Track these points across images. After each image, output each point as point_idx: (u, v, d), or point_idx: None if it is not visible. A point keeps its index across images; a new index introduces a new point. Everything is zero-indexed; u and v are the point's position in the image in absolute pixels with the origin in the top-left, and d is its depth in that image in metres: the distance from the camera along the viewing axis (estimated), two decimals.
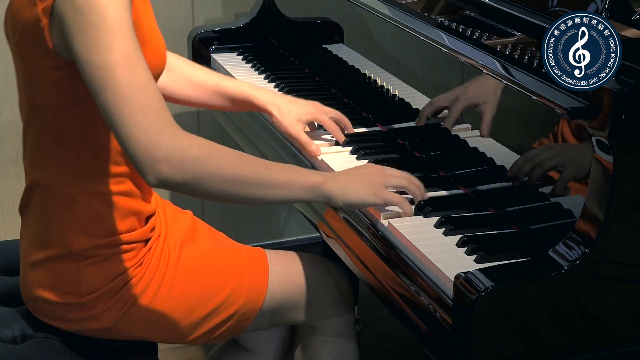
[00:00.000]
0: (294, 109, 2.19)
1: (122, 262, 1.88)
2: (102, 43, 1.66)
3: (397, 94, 2.31)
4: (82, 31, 1.66)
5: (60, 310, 1.90)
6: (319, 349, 2.10)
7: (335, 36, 2.61)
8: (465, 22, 2.03)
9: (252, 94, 2.20)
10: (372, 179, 1.84)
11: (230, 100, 2.22)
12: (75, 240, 1.86)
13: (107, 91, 1.65)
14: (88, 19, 1.66)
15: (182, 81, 2.21)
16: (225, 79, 2.23)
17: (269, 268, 2.02)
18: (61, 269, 1.87)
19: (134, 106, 1.65)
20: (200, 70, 2.23)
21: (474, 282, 1.57)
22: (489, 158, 1.98)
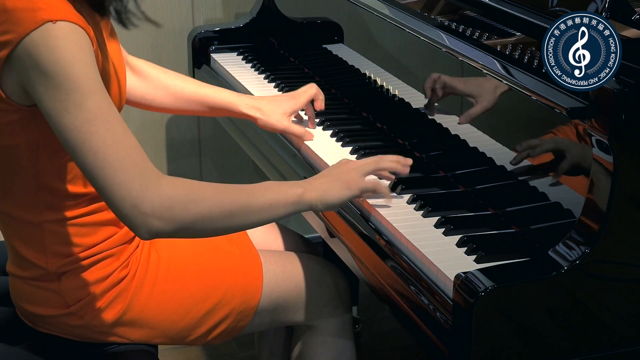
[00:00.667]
0: (276, 107, 2.21)
1: (104, 267, 1.87)
2: (72, 104, 1.62)
3: (397, 94, 2.31)
4: (49, 92, 1.62)
5: (52, 322, 1.89)
6: (317, 349, 2.10)
7: (335, 36, 2.61)
8: (465, 22, 2.03)
9: (232, 102, 2.21)
10: (344, 175, 1.87)
11: (210, 108, 2.23)
12: (50, 263, 1.84)
13: (84, 152, 1.63)
14: (54, 80, 1.61)
15: (160, 90, 2.21)
16: (203, 86, 2.23)
17: (263, 267, 2.02)
18: (43, 285, 1.86)
19: (114, 164, 1.63)
20: (176, 78, 2.23)
21: (474, 282, 1.57)
22: (489, 158, 1.98)
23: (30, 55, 1.62)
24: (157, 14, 3.11)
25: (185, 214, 1.67)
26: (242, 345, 2.98)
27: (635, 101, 1.61)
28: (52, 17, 1.61)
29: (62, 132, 1.63)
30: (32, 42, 1.61)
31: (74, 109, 1.62)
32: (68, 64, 1.61)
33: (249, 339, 2.93)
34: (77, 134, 1.62)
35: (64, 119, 1.62)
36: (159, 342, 1.97)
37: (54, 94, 1.62)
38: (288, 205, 1.80)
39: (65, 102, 1.62)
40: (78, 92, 1.62)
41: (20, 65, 1.64)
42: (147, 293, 1.92)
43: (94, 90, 1.63)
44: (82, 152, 1.63)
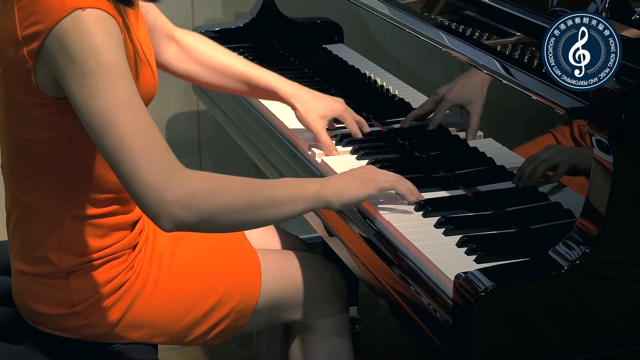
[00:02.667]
0: (319, 105, 2.18)
1: (112, 269, 1.88)
2: (101, 89, 1.62)
3: (397, 94, 2.31)
4: (79, 78, 1.63)
5: (55, 321, 1.90)
6: (314, 347, 2.10)
7: (335, 36, 2.61)
8: (465, 22, 2.03)
9: (277, 86, 2.20)
10: (363, 176, 1.87)
11: (254, 88, 2.22)
12: (62, 260, 1.85)
13: (110, 137, 1.63)
14: (84, 66, 1.63)
15: (206, 67, 2.21)
16: (250, 66, 2.22)
17: (262, 266, 2.02)
18: (50, 282, 1.87)
19: (140, 151, 1.63)
20: (224, 54, 2.22)
21: (474, 282, 1.57)
22: (489, 158, 1.98)
23: (60, 43, 1.64)
24: None
25: (209, 204, 1.67)
26: (242, 345, 2.98)
27: (635, 101, 1.61)
28: (81, 4, 1.63)
29: (89, 117, 1.64)
30: (63, 29, 1.63)
31: (103, 94, 1.62)
32: (98, 49, 1.63)
33: (248, 339, 2.93)
34: (104, 118, 1.62)
35: (92, 103, 1.63)
36: (159, 342, 1.98)
37: (82, 79, 1.63)
38: (307, 201, 1.80)
39: (93, 87, 1.62)
40: (107, 77, 1.63)
41: (50, 54, 1.66)
42: (149, 294, 1.92)
43: (122, 77, 1.64)
44: (109, 137, 1.63)
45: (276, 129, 2.37)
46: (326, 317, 2.09)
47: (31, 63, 1.69)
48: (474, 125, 2.02)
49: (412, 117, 2.18)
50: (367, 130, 2.22)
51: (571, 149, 1.77)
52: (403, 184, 1.89)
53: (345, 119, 2.20)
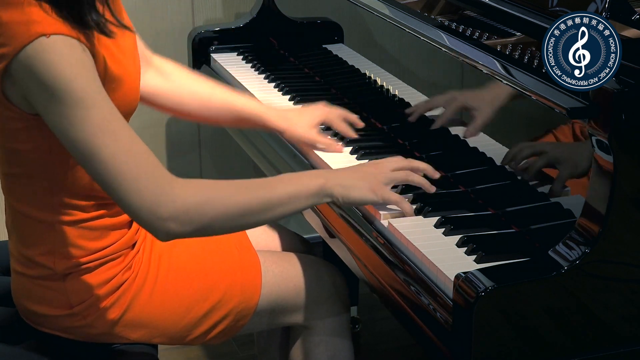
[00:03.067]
0: (303, 118, 2.18)
1: (109, 270, 1.88)
2: (77, 118, 1.61)
3: (397, 94, 2.31)
4: (52, 107, 1.62)
5: (54, 321, 1.90)
6: (315, 348, 2.10)
7: (335, 36, 2.61)
8: (465, 22, 2.03)
9: (261, 113, 2.16)
10: (371, 177, 1.85)
11: (236, 118, 2.17)
12: (57, 263, 1.85)
13: (94, 164, 1.63)
14: (54, 95, 1.60)
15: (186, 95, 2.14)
16: (231, 95, 2.17)
17: (262, 267, 2.02)
18: (47, 285, 1.87)
19: (125, 174, 1.63)
20: (203, 83, 2.16)
21: (474, 282, 1.57)
22: (489, 158, 1.98)
23: (27, 70, 1.61)
24: (157, 14, 3.11)
25: (202, 216, 1.68)
26: (242, 345, 2.98)
27: (635, 101, 1.61)
28: (46, 30, 1.60)
29: (69, 145, 1.64)
30: (27, 57, 1.61)
31: (79, 123, 1.61)
32: (67, 79, 1.60)
33: (249, 339, 2.93)
34: (84, 147, 1.62)
35: (70, 133, 1.62)
36: (159, 342, 1.98)
37: (56, 108, 1.62)
38: (309, 197, 1.79)
39: (69, 117, 1.61)
40: (80, 106, 1.61)
41: (19, 78, 1.64)
42: (148, 294, 1.92)
43: (96, 103, 1.62)
44: (93, 164, 1.64)
45: None
46: (327, 318, 2.09)
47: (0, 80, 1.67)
48: (476, 127, 2.01)
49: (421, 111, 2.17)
50: (361, 125, 2.21)
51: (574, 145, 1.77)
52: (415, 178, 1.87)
53: (331, 121, 2.19)
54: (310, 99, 2.38)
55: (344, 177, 1.83)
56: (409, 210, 1.86)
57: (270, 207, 1.75)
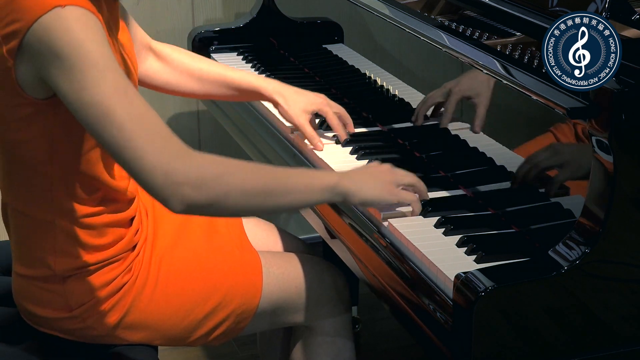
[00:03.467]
0: (300, 99, 2.19)
1: (109, 272, 1.87)
2: (90, 81, 1.61)
3: (397, 94, 2.31)
4: (66, 73, 1.62)
5: (54, 323, 1.89)
6: (317, 349, 2.10)
7: (335, 36, 2.61)
8: (465, 22, 2.03)
9: (258, 84, 2.20)
10: (384, 177, 1.86)
11: (236, 90, 2.21)
12: (57, 263, 1.84)
13: (108, 127, 1.61)
14: (68, 60, 1.61)
15: (185, 75, 2.20)
16: (229, 69, 2.22)
17: (264, 269, 2.01)
18: (47, 287, 1.86)
19: (142, 136, 1.61)
20: (201, 61, 2.22)
21: (474, 282, 1.57)
22: (489, 158, 1.98)
23: (41, 40, 1.62)
24: (157, 13, 3.11)
25: (219, 185, 1.65)
26: (242, 345, 2.98)
27: (635, 101, 1.61)
28: (61, 2, 1.62)
29: (82, 111, 1.62)
30: (42, 26, 1.62)
31: (92, 86, 1.61)
32: (82, 43, 1.61)
33: (249, 339, 2.93)
34: (98, 109, 1.61)
35: (83, 97, 1.61)
36: (159, 344, 1.97)
37: (70, 74, 1.61)
38: (324, 191, 1.78)
39: (82, 81, 1.61)
40: (95, 69, 1.61)
41: (32, 52, 1.64)
42: (148, 296, 1.92)
43: (110, 66, 1.63)
44: (106, 127, 1.61)
45: (276, 129, 2.37)
46: (328, 318, 2.09)
47: (11, 62, 1.67)
48: (482, 115, 2.01)
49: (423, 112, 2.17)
50: (352, 131, 2.22)
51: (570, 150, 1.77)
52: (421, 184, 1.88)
53: (326, 113, 2.20)
54: None
55: (357, 178, 1.83)
56: (419, 210, 1.86)
57: (285, 191, 1.73)
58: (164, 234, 1.99)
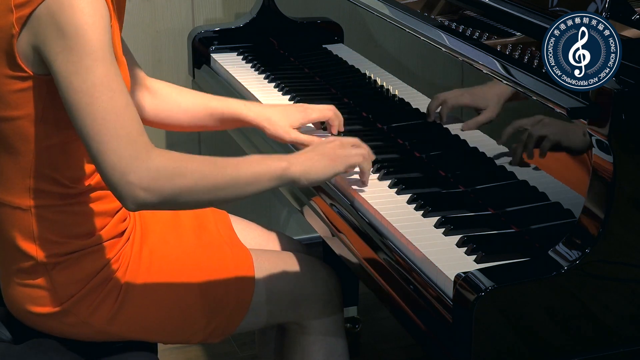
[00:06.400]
0: (284, 117, 2.19)
1: (95, 260, 1.88)
2: (83, 67, 1.68)
3: (397, 94, 2.31)
4: (65, 53, 1.68)
5: (48, 322, 1.90)
6: (309, 347, 2.11)
7: (335, 36, 2.61)
8: (465, 22, 2.03)
9: (239, 111, 2.19)
10: (331, 152, 1.90)
11: (220, 120, 2.20)
12: (39, 251, 1.85)
13: (84, 116, 1.68)
14: (71, 40, 1.67)
15: (173, 107, 2.20)
16: (213, 99, 2.21)
17: (255, 263, 2.03)
18: (33, 282, 1.87)
19: (110, 132, 1.68)
20: (188, 94, 2.21)
21: (474, 282, 1.57)
22: (489, 158, 1.98)
23: (52, 14, 1.68)
24: (157, 13, 3.11)
25: (171, 187, 1.71)
26: (242, 345, 2.98)
27: (635, 101, 1.61)
28: None
29: (69, 93, 1.69)
30: (57, 1, 1.68)
31: (84, 72, 1.67)
32: (87, 27, 1.68)
33: (249, 339, 2.93)
34: (82, 97, 1.68)
35: (74, 80, 1.68)
36: (157, 340, 1.98)
37: (68, 54, 1.68)
38: (272, 180, 1.82)
39: (77, 64, 1.68)
40: (91, 56, 1.68)
41: (39, 24, 1.70)
42: (141, 290, 1.92)
43: (105, 58, 1.69)
44: (83, 116, 1.68)
45: None
46: (321, 317, 2.10)
47: (17, 29, 1.72)
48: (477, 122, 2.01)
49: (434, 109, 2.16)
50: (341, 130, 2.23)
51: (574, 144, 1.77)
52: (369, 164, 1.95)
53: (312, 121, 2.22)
54: (310, 99, 2.38)
55: (305, 160, 1.87)
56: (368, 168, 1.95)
57: (236, 184, 1.78)
58: (153, 230, 2.00)
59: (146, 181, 1.69)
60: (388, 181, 2.02)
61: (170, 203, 1.73)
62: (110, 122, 1.68)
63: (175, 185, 1.71)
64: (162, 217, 2.05)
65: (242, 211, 2.37)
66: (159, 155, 1.71)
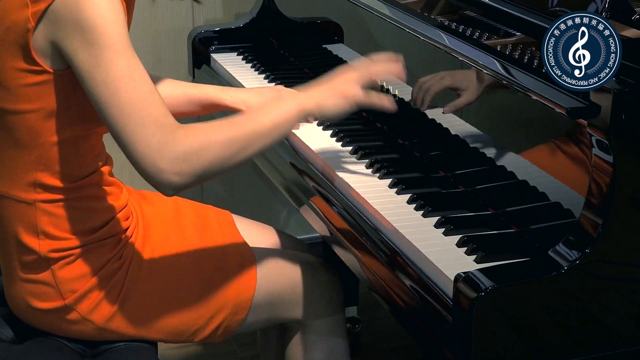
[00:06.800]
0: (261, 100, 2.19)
1: (98, 257, 1.89)
2: (105, 60, 1.70)
3: (397, 94, 2.31)
4: (86, 46, 1.70)
5: (49, 318, 1.90)
6: (310, 347, 2.11)
7: (335, 36, 2.61)
8: (465, 22, 2.03)
9: (217, 96, 2.20)
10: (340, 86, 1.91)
11: (200, 106, 2.21)
12: (42, 245, 1.86)
13: (111, 108, 1.70)
14: (91, 34, 1.69)
15: None
16: (190, 86, 2.22)
17: (257, 261, 2.03)
18: (36, 277, 1.88)
19: (138, 121, 1.70)
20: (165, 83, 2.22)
21: (474, 282, 1.57)
22: (489, 158, 1.98)
23: (69, 9, 1.70)
24: (157, 14, 3.11)
25: (201, 164, 1.73)
26: (242, 345, 2.98)
27: (635, 101, 1.61)
28: None
29: (93, 87, 1.71)
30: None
31: (106, 66, 1.70)
32: (106, 21, 1.70)
33: (249, 339, 2.93)
34: (105, 90, 1.70)
35: (96, 74, 1.70)
36: (157, 338, 1.98)
37: (89, 48, 1.70)
38: (291, 120, 1.85)
39: (98, 57, 1.70)
40: (111, 49, 1.70)
41: (56, 19, 1.71)
42: (142, 287, 1.93)
43: (125, 50, 1.71)
44: (110, 108, 1.70)
45: None
46: (322, 317, 2.10)
47: (32, 24, 1.73)
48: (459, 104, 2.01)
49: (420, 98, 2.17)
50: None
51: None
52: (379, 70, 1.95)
53: None
54: None
55: (317, 94, 1.90)
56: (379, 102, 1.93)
57: (258, 138, 1.80)
58: (156, 228, 2.01)
59: (177, 166, 1.71)
60: (388, 181, 2.02)
61: (204, 177, 1.75)
62: (136, 111, 1.70)
63: (205, 161, 1.73)
64: (165, 216, 2.06)
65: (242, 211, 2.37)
66: (184, 136, 1.73)
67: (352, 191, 1.99)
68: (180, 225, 2.05)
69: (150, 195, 2.11)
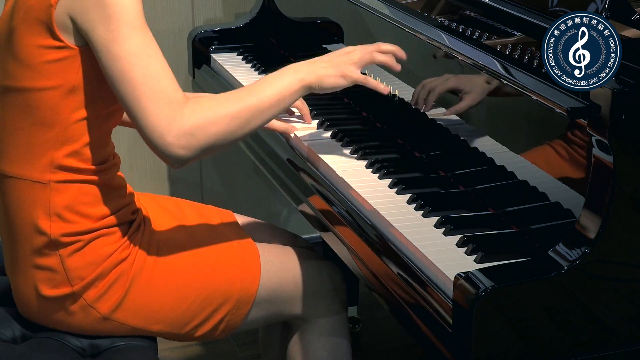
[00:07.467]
0: None
1: (106, 245, 1.91)
2: (121, 35, 1.76)
3: (397, 94, 2.31)
4: (104, 21, 1.76)
5: (55, 308, 1.91)
6: (313, 345, 2.11)
7: (335, 36, 2.61)
8: (465, 22, 2.03)
9: None
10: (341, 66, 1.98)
11: None
12: (53, 227, 1.88)
13: (125, 83, 1.77)
14: (109, 10, 1.76)
15: None
16: None
17: (261, 257, 2.04)
18: (45, 263, 1.89)
19: (149, 96, 1.77)
20: None
21: (474, 282, 1.57)
22: (489, 158, 1.98)
23: None
24: (157, 13, 3.11)
25: (206, 138, 1.80)
26: (242, 345, 2.98)
27: (635, 101, 1.61)
28: None
29: (108, 61, 1.78)
30: None
31: (122, 41, 1.77)
32: None
33: (249, 339, 2.94)
34: (121, 65, 1.77)
35: (112, 49, 1.77)
36: (158, 331, 1.98)
37: (108, 23, 1.77)
38: (293, 94, 1.92)
39: (115, 32, 1.77)
40: (128, 24, 1.77)
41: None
42: (147, 278, 1.94)
43: (141, 26, 1.79)
44: (124, 83, 1.77)
45: None
46: (325, 315, 2.10)
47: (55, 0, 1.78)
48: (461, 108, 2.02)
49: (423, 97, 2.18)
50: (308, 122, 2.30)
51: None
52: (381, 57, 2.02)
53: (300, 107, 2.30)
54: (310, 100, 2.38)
55: (318, 69, 1.96)
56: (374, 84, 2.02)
57: (262, 111, 1.87)
58: (160, 223, 2.03)
59: (184, 140, 1.77)
60: (388, 181, 2.02)
61: (210, 150, 1.82)
62: (149, 86, 1.76)
63: (211, 135, 1.80)
64: (170, 213, 2.08)
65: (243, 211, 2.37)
66: (192, 111, 1.79)
67: (352, 191, 1.99)
68: (184, 221, 2.07)
69: (153, 195, 2.13)
